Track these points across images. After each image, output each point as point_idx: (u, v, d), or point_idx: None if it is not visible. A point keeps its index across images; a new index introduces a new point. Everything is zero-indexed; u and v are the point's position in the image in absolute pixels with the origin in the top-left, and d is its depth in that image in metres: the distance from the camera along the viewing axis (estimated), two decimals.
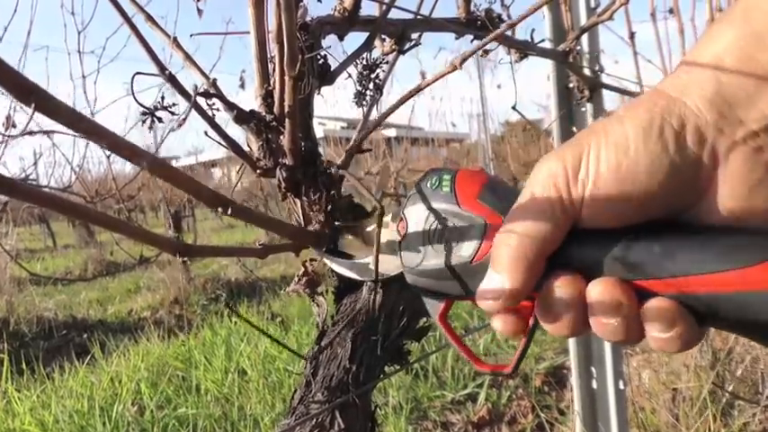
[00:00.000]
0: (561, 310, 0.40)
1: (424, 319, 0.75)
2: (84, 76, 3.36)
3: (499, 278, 0.42)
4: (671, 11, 2.00)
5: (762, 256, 0.34)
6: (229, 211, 0.47)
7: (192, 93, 0.50)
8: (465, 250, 0.45)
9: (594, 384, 1.55)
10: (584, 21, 1.32)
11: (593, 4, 1.34)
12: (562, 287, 0.40)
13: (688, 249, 0.37)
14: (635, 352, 2.78)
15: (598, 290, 0.39)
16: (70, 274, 7.50)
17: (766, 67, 0.35)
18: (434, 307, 0.49)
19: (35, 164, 4.67)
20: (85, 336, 4.20)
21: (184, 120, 0.48)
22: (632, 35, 1.63)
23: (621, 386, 1.52)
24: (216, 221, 14.33)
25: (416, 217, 0.49)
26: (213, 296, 5.35)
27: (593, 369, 1.55)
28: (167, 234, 5.95)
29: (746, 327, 0.36)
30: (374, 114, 1.07)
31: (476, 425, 2.44)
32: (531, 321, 0.44)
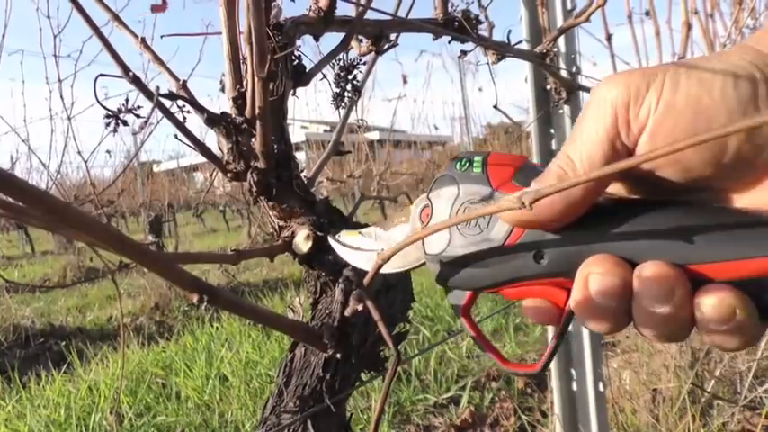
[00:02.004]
0: (603, 299, 0.35)
1: (402, 325, 0.74)
2: (60, 80, 3.32)
3: (533, 189, 0.38)
4: (647, 13, 2.01)
5: None
6: (204, 303, 0.43)
7: (155, 94, 0.49)
8: (496, 233, 0.41)
9: (574, 386, 1.55)
10: (560, 22, 1.32)
11: (569, 6, 1.34)
12: (603, 271, 0.35)
13: (748, 229, 0.33)
14: (615, 353, 2.79)
15: (648, 273, 0.34)
16: (48, 280, 7.38)
17: None
18: (457, 299, 0.45)
19: (11, 169, 4.58)
20: (63, 343, 4.12)
21: (146, 122, 0.46)
22: (609, 37, 1.64)
23: (601, 388, 1.52)
24: (198, 226, 14.21)
25: (443, 201, 0.45)
26: (194, 302, 5.29)
27: (572, 371, 1.55)
28: (145, 240, 5.88)
29: None
30: (353, 116, 1.07)
31: (458, 428, 2.43)
32: (564, 315, 0.40)
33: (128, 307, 5.24)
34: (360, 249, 0.53)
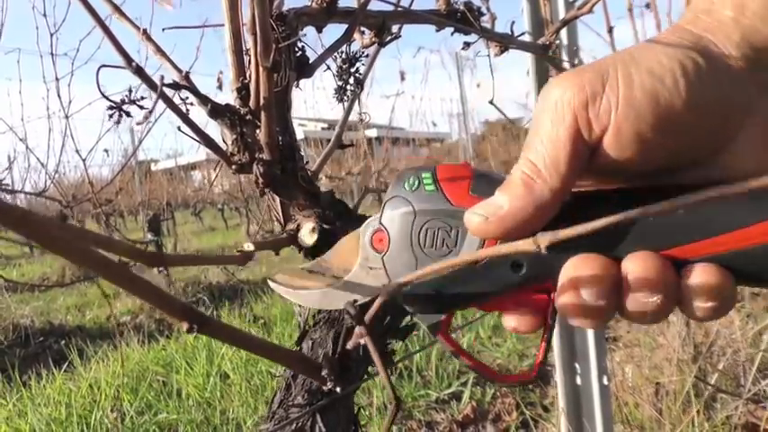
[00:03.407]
0: (594, 299, 0.35)
1: (409, 318, 0.73)
2: (57, 79, 3.30)
3: (500, 198, 0.37)
4: (648, 6, 2.01)
5: None
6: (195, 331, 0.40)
7: (159, 84, 0.48)
8: (467, 250, 0.40)
9: (579, 380, 1.55)
10: (562, 14, 1.31)
11: None
12: (591, 273, 0.35)
13: (715, 205, 0.34)
14: (617, 347, 2.79)
15: (637, 267, 0.35)
16: (47, 279, 7.37)
17: None
18: (433, 322, 0.44)
19: (9, 168, 4.56)
20: (63, 342, 4.11)
21: (151, 112, 0.45)
22: (611, 29, 1.64)
23: (606, 382, 1.51)
24: (196, 224, 14.19)
25: (399, 224, 0.43)
26: (194, 299, 5.29)
27: (576, 365, 1.55)
28: (145, 238, 5.86)
29: None
30: (355, 110, 1.06)
31: (460, 423, 2.43)
32: (549, 318, 0.40)
33: (127, 305, 5.23)
34: (308, 288, 0.50)
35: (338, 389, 0.54)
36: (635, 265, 0.35)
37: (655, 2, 1.98)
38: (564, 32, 1.35)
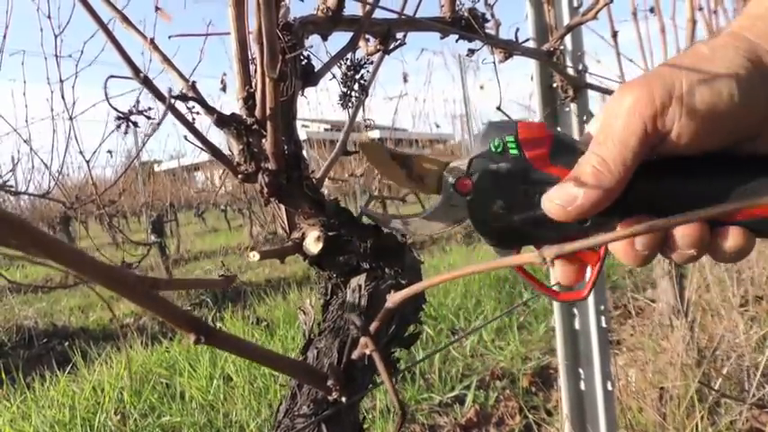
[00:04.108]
0: (641, 246, 0.45)
1: (413, 326, 0.73)
2: (61, 81, 3.31)
3: (575, 190, 0.44)
4: (652, 10, 2.01)
5: None
6: (202, 342, 0.40)
7: (167, 96, 0.48)
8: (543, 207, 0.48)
9: (582, 386, 1.55)
10: (567, 20, 1.31)
11: (575, 4, 1.33)
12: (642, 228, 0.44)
13: (750, 187, 0.43)
14: (621, 350, 2.78)
15: (684, 230, 0.43)
16: (51, 281, 7.39)
17: None
18: (506, 255, 0.51)
19: (13, 169, 4.56)
20: (67, 344, 4.12)
21: (159, 124, 0.45)
22: (615, 34, 1.63)
23: (610, 387, 1.51)
24: (199, 226, 14.21)
25: (484, 178, 0.50)
26: (197, 301, 5.29)
27: (580, 370, 1.54)
28: (148, 240, 5.87)
29: None
30: (359, 116, 1.06)
31: (463, 427, 2.43)
32: (602, 254, 0.49)
33: (130, 307, 5.23)
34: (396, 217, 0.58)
35: (343, 399, 0.54)
36: (680, 228, 0.43)
37: (659, 6, 1.98)
38: (568, 38, 1.35)
